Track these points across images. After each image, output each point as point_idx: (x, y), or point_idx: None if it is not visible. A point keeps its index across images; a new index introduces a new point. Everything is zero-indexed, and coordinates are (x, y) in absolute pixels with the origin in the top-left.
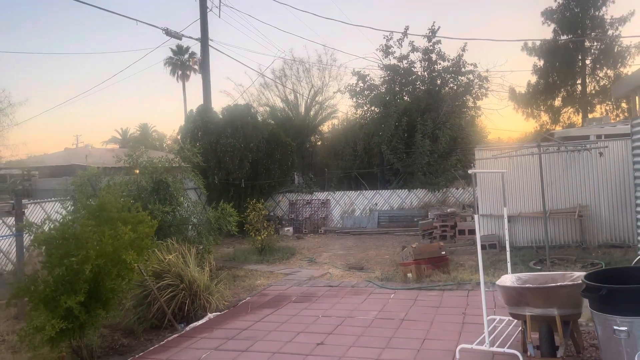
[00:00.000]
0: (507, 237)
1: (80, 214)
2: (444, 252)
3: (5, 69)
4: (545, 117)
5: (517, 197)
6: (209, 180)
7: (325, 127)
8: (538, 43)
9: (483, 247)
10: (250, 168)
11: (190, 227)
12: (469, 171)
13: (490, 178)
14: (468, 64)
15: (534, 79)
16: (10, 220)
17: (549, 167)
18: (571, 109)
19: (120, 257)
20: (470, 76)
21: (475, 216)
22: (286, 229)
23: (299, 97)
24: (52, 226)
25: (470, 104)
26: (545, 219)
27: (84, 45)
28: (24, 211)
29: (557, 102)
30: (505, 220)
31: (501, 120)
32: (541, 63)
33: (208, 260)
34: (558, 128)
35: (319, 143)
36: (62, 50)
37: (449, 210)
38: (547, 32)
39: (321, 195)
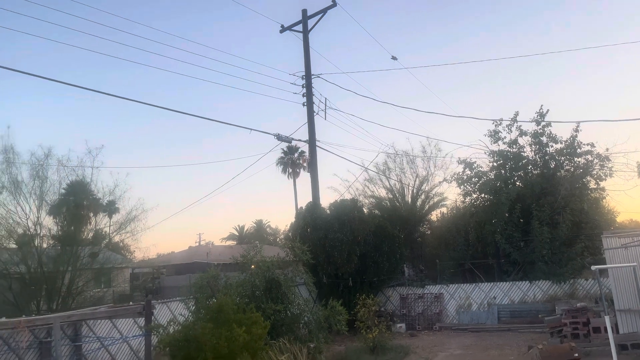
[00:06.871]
0: None
1: (201, 314)
2: (577, 354)
3: (141, 182)
4: None
5: None
6: (319, 275)
7: (434, 216)
8: None
9: (624, 347)
10: (358, 262)
11: (301, 325)
12: (592, 267)
13: (624, 268)
14: (584, 144)
15: None
16: (141, 320)
17: None
18: None
19: None
20: (589, 157)
21: (606, 317)
22: (398, 325)
23: (404, 186)
24: (176, 328)
25: (593, 185)
26: None
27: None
28: (152, 311)
29: None
30: None
31: (632, 201)
32: None
33: None
34: None
35: (428, 233)
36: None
37: (579, 304)
38: None
39: (434, 289)
